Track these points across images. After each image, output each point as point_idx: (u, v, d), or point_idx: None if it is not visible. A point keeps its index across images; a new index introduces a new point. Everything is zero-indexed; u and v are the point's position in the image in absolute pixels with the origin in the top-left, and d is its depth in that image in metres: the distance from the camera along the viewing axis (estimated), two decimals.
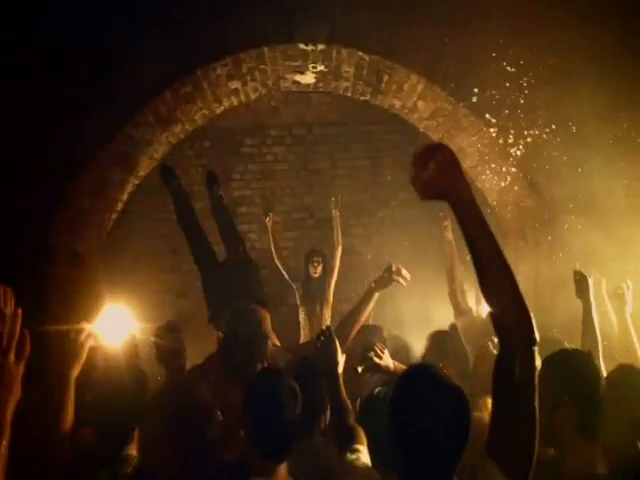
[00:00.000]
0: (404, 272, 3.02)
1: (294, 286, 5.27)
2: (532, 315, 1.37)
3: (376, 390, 2.15)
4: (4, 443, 1.28)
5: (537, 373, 1.39)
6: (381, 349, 2.71)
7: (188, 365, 2.92)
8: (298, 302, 5.24)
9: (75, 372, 1.99)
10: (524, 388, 1.37)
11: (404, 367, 2.54)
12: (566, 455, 1.81)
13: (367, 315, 3.16)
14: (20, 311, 1.35)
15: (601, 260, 3.60)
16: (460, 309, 3.87)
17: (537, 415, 1.38)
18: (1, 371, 1.31)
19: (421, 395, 1.43)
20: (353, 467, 1.66)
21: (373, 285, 3.09)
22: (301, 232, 5.89)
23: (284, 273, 5.27)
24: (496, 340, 1.45)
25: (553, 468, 1.83)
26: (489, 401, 1.93)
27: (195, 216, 4.25)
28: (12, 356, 1.32)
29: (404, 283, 3.03)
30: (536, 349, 1.37)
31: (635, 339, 3.03)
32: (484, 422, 1.79)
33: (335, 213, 5.26)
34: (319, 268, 5.15)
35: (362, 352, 2.71)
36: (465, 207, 1.38)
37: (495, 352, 2.59)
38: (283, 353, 3.18)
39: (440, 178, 1.37)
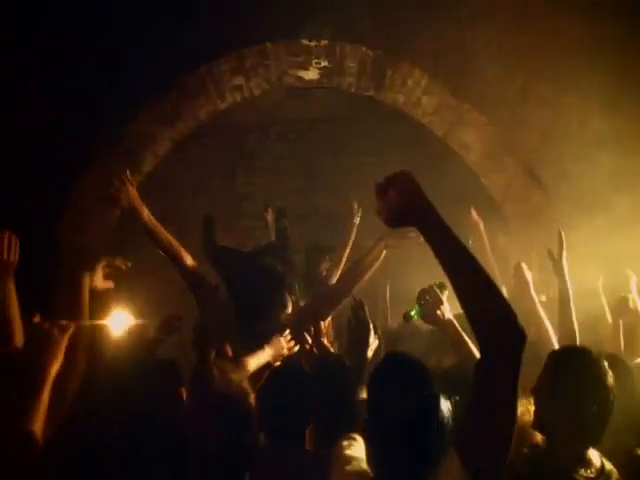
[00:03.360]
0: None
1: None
2: (517, 314, 1.33)
3: None
4: (44, 397, 1.65)
5: (520, 374, 1.32)
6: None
7: None
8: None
9: (53, 369, 1.70)
10: (506, 390, 1.32)
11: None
12: (555, 447, 1.76)
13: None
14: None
15: (607, 256, 3.58)
16: None
17: (516, 418, 1.33)
18: (47, 339, 1.72)
19: (389, 384, 1.47)
20: (344, 456, 1.68)
21: (384, 240, 2.97)
22: (305, 228, 5.88)
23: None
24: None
25: (540, 458, 1.77)
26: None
27: None
28: (56, 328, 1.75)
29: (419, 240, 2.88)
30: (522, 349, 1.32)
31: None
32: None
33: (356, 220, 4.99)
34: (327, 266, 4.87)
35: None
36: (433, 228, 1.38)
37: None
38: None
39: (402, 205, 1.38)
